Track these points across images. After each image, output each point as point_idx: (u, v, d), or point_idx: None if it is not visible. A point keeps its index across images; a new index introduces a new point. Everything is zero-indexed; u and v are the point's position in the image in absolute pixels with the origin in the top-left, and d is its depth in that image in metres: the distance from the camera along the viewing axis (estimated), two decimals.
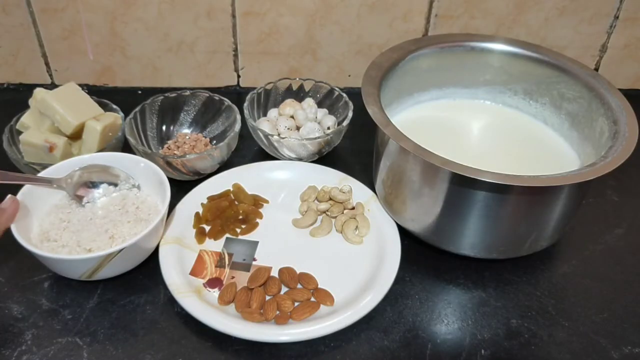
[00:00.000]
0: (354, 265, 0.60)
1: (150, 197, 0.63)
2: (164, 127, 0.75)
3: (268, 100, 0.78)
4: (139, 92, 0.87)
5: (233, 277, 0.59)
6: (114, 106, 0.72)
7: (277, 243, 0.63)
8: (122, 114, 0.71)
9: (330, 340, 0.54)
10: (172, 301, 0.56)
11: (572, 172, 0.52)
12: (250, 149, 0.77)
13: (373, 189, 0.67)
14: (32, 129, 0.68)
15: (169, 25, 0.81)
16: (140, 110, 0.72)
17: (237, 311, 0.55)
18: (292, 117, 0.74)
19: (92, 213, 0.61)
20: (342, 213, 0.65)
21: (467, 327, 0.56)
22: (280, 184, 0.69)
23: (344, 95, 0.76)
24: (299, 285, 0.57)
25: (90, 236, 0.57)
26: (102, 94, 0.73)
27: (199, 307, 0.53)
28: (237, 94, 0.87)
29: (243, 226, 0.64)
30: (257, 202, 0.67)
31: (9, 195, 0.56)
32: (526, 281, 0.60)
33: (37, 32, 0.81)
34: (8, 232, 0.54)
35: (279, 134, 0.71)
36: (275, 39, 0.83)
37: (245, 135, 0.75)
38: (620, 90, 0.61)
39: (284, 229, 0.64)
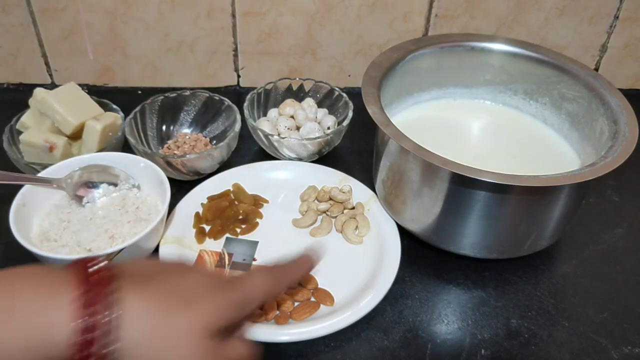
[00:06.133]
0: (354, 265, 0.60)
1: (150, 197, 0.63)
2: (164, 127, 0.75)
3: (268, 100, 0.78)
4: (139, 92, 0.87)
5: None
6: (114, 106, 0.72)
7: (277, 243, 0.62)
8: (122, 114, 0.71)
9: (330, 340, 0.54)
10: None
11: (572, 172, 0.52)
12: (250, 149, 0.77)
13: (373, 189, 0.67)
14: (32, 129, 0.68)
15: (169, 25, 0.81)
16: (140, 110, 0.72)
17: None
18: (292, 117, 0.74)
19: (92, 213, 0.61)
20: (342, 213, 0.65)
21: (467, 327, 0.56)
22: (280, 184, 0.69)
23: (344, 95, 0.76)
24: (299, 285, 0.57)
25: (90, 236, 0.57)
26: (102, 94, 0.73)
27: None
28: (237, 94, 0.87)
29: (243, 226, 0.64)
30: (257, 202, 0.67)
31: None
32: (526, 281, 0.60)
33: (37, 32, 0.81)
34: (8, 232, 0.54)
35: (279, 134, 0.71)
36: (275, 39, 0.83)
37: (245, 135, 0.74)
38: (620, 90, 0.61)
39: (284, 229, 0.64)
